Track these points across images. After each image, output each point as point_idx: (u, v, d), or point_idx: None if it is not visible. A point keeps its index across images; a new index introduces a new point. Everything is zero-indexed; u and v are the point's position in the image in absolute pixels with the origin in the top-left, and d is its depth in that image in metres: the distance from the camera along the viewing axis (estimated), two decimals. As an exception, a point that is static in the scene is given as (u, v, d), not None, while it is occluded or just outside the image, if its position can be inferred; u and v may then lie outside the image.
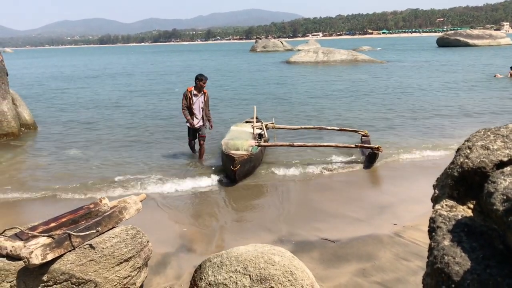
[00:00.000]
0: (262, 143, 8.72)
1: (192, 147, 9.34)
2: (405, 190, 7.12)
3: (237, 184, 7.61)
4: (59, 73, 39.05)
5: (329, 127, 10.57)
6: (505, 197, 1.13)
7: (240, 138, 8.33)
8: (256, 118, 10.40)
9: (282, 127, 10.70)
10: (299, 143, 8.99)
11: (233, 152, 7.68)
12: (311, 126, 10.78)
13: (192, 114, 8.82)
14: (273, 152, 9.49)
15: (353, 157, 9.04)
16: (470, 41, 61.52)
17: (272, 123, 10.50)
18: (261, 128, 9.59)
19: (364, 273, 4.40)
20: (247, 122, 10.40)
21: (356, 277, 4.33)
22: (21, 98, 13.10)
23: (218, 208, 6.70)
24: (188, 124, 8.94)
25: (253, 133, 9.13)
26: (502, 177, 1.22)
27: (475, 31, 68.69)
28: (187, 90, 8.87)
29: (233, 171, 7.35)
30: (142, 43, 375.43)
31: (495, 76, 23.15)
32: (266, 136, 9.41)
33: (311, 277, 3.39)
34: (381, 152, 8.49)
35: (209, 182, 7.74)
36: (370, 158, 8.57)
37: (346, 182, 7.71)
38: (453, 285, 1.15)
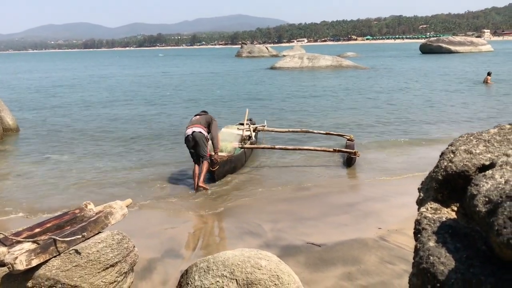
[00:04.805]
0: (246, 145, 9.05)
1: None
2: (389, 194, 7.19)
3: (218, 181, 7.91)
4: (44, 77, 38.67)
5: (315, 131, 10.78)
6: (487, 199, 1.17)
7: (225, 140, 8.68)
8: (250, 120, 10.88)
9: (271, 129, 11.01)
10: (280, 146, 9.40)
11: (212, 153, 7.91)
12: (299, 130, 11.00)
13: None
14: (259, 156, 9.58)
15: (336, 162, 9.13)
16: (452, 47, 62.41)
17: (263, 126, 10.91)
18: (249, 130, 9.91)
19: (350, 276, 4.43)
20: (241, 124, 10.69)
21: (342, 281, 4.35)
22: (4, 103, 12.93)
23: (204, 213, 6.69)
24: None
25: (242, 135, 9.49)
26: (484, 180, 1.26)
27: (457, 38, 69.79)
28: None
29: (212, 171, 7.80)
30: (127, 48, 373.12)
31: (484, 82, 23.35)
32: (253, 138, 9.73)
33: (298, 281, 3.41)
34: (358, 156, 8.75)
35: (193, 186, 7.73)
36: (348, 162, 8.83)
37: (330, 187, 7.75)
38: (438, 284, 1.18)
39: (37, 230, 3.51)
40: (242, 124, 10.52)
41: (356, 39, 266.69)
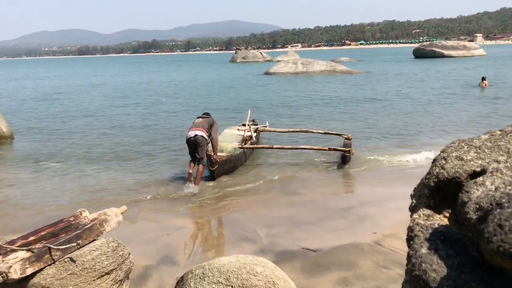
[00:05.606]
0: (245, 145, 9.41)
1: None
2: (384, 198, 7.21)
3: (216, 181, 8.19)
4: (38, 85, 38.56)
5: (314, 130, 11.16)
6: (478, 206, 1.18)
7: (225, 141, 9.05)
8: (253, 121, 11.64)
9: (272, 130, 11.51)
10: (278, 146, 9.85)
11: (212, 154, 8.21)
12: (298, 129, 11.37)
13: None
14: (255, 160, 9.63)
15: (332, 166, 9.16)
16: (445, 52, 62.59)
17: (264, 126, 11.46)
18: (250, 131, 10.32)
19: (346, 281, 4.44)
20: (243, 125, 11.10)
21: (338, 286, 4.36)
22: (-2, 110, 12.90)
23: (199, 220, 6.68)
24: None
25: (244, 136, 9.90)
26: (475, 186, 1.27)
27: (450, 42, 70.07)
28: None
29: (212, 170, 8.13)
30: (122, 54, 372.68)
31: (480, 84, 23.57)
32: (254, 138, 10.15)
33: (293, 287, 3.41)
34: (352, 154, 9.01)
35: (190, 190, 7.73)
36: (342, 160, 9.01)
37: (325, 192, 7.77)
38: (430, 291, 1.20)
39: (31, 238, 3.49)
40: (244, 125, 10.86)
41: (349, 44, 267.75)
